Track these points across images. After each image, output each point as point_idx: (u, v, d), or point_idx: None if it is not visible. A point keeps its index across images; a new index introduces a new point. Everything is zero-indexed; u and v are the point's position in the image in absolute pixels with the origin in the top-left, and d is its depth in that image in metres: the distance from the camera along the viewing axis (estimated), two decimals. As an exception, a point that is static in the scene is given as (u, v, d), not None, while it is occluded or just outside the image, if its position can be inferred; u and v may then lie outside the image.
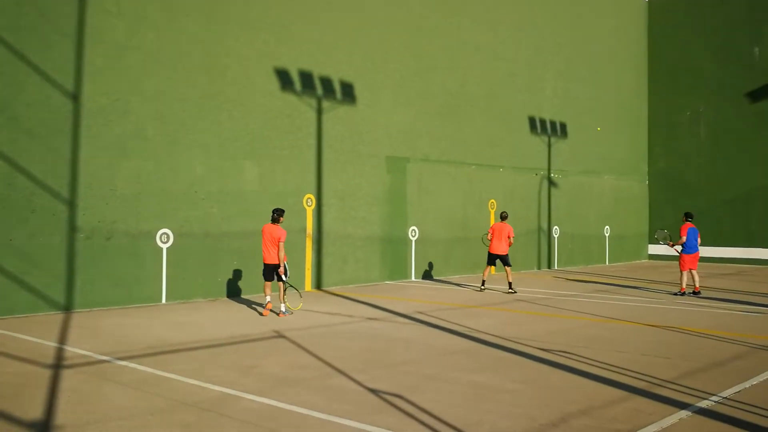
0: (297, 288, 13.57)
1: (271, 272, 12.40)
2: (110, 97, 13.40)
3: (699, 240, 16.05)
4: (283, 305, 12.42)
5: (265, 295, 12.52)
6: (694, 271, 15.86)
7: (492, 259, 16.75)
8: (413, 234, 19.31)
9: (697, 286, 15.84)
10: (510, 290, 16.39)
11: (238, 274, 15.29)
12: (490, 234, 16.74)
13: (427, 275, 19.75)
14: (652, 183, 28.76)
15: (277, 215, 12.40)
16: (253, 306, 13.73)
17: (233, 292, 15.20)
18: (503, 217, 16.90)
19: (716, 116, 26.97)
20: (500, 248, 16.51)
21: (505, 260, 16.60)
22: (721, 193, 26.67)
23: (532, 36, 23.52)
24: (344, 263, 17.46)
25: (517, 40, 22.94)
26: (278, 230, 12.25)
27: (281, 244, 12.17)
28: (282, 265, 12.20)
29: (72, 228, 12.80)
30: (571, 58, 25.11)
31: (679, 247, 15.93)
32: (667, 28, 28.51)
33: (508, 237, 16.49)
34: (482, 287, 16.65)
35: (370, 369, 8.07)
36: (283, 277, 12.28)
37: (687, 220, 16.11)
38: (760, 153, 25.79)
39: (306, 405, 6.51)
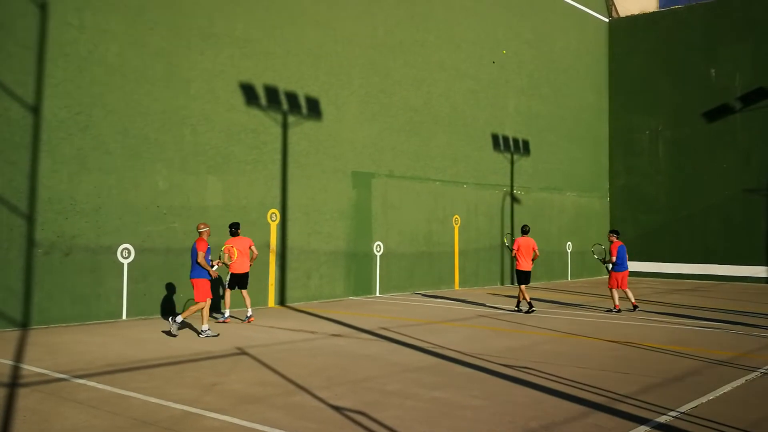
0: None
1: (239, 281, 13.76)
2: (71, 111, 13.22)
3: (626, 256, 16.13)
4: (250, 310, 13.64)
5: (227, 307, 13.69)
6: (627, 290, 15.90)
7: (523, 277, 15.54)
8: (378, 249, 19.34)
9: (634, 301, 15.94)
10: (519, 309, 15.74)
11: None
12: (515, 251, 15.60)
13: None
14: (613, 199, 29.26)
15: (236, 228, 13.71)
16: (214, 322, 13.60)
17: (195, 308, 15.02)
18: (526, 231, 16.01)
19: (674, 135, 27.61)
20: (528, 264, 15.55)
21: (528, 278, 15.63)
22: (679, 209, 27.26)
23: (495, 54, 23.83)
24: (308, 279, 17.40)
25: (481, 57, 23.23)
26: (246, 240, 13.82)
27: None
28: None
29: (30, 243, 12.56)
30: (533, 77, 25.51)
31: (609, 265, 15.87)
32: (627, 49, 29.15)
33: (534, 251, 15.59)
34: (531, 309, 15.47)
35: (333, 386, 8.05)
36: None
37: (617, 238, 16.05)
38: (716, 171, 26.44)
39: (268, 423, 6.46)
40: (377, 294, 19.33)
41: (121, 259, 13.80)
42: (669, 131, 27.77)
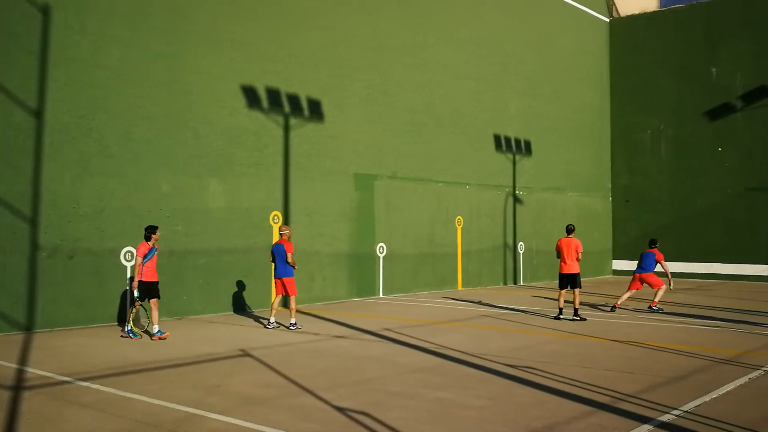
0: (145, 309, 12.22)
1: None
2: (74, 115, 13.26)
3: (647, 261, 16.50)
4: (128, 326, 11.84)
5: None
6: (629, 292, 16.31)
7: (564, 281, 14.51)
8: (381, 251, 19.35)
9: (618, 303, 16.27)
10: (575, 317, 14.28)
11: (202, 292, 15.15)
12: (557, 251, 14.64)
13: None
14: (616, 199, 29.24)
15: (149, 232, 11.89)
16: (217, 324, 13.62)
17: (197, 310, 15.05)
18: (570, 230, 14.77)
19: (676, 134, 27.58)
20: (573, 267, 14.35)
21: (575, 281, 14.39)
22: (681, 209, 27.22)
23: (497, 55, 23.84)
24: (311, 281, 17.41)
25: (482, 58, 23.23)
26: (142, 246, 11.82)
27: (137, 258, 11.72)
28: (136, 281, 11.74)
29: (33, 246, 12.59)
30: (534, 77, 25.50)
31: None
32: (628, 48, 29.12)
33: (577, 253, 14.36)
34: (559, 316, 14.49)
35: (337, 387, 8.06)
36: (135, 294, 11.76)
37: (652, 246, 17.00)
38: (718, 170, 26.40)
39: (272, 424, 6.47)
40: (380, 295, 19.34)
41: (124, 262, 13.82)
42: (671, 130, 27.74)
